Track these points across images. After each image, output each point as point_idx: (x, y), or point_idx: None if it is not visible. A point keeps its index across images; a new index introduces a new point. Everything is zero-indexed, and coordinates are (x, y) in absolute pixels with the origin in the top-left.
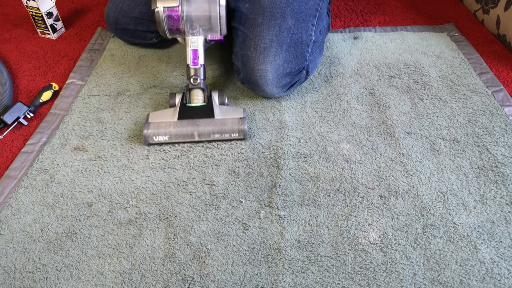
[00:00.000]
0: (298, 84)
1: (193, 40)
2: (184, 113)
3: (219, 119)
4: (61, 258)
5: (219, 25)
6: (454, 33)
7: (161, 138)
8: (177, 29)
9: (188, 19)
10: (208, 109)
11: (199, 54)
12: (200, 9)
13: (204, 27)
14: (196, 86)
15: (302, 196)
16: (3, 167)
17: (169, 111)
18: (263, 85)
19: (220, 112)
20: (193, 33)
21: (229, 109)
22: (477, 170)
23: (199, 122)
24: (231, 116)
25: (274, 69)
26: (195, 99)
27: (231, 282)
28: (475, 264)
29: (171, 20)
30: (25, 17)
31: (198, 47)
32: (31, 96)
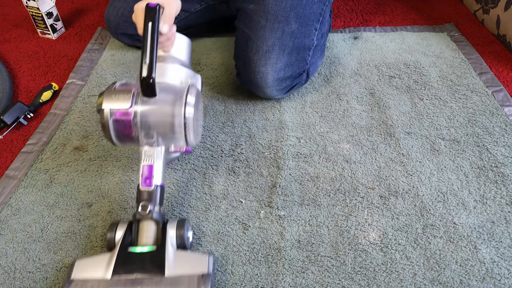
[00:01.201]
0: (298, 86)
1: (148, 153)
2: (123, 264)
3: (171, 278)
4: (61, 258)
5: (184, 134)
6: (454, 33)
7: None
8: (128, 136)
9: (142, 125)
10: (157, 260)
11: (154, 172)
12: (160, 112)
13: (165, 136)
14: (146, 216)
15: (302, 196)
16: (3, 167)
17: (102, 259)
18: (263, 87)
19: (173, 263)
20: (148, 142)
21: (189, 258)
22: (477, 170)
23: (142, 282)
24: (189, 272)
25: (275, 72)
26: (143, 237)
27: (231, 282)
28: (475, 264)
29: (120, 126)
30: (25, 17)
31: (154, 161)
32: (31, 96)
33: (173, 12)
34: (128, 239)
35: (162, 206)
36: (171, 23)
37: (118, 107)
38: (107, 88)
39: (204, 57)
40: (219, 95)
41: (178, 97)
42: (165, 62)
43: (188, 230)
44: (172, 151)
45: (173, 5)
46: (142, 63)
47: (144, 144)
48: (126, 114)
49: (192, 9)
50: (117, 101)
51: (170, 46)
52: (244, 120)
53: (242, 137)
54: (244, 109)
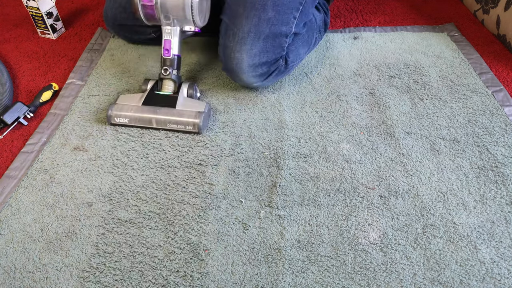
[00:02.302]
0: (278, 74)
1: (167, 30)
2: (150, 100)
3: (179, 110)
4: (61, 258)
5: (191, 16)
6: (454, 33)
7: (122, 120)
8: (153, 17)
9: (162, 8)
10: (172, 99)
11: (172, 45)
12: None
13: (179, 17)
14: (166, 76)
15: (302, 196)
16: (3, 167)
17: (138, 96)
18: (239, 74)
19: (182, 103)
20: (168, 23)
21: (193, 102)
22: (477, 170)
23: (159, 110)
24: (190, 109)
25: (250, 58)
26: (165, 88)
27: (231, 282)
28: (475, 264)
29: (146, 9)
30: (25, 17)
31: (172, 37)
32: (31, 96)
33: None
34: (155, 88)
35: (179, 70)
36: None
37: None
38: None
39: (204, 57)
40: (219, 95)
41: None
42: None
43: (195, 90)
44: (186, 30)
45: None
46: None
47: (165, 24)
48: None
49: None
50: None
51: None
52: (244, 120)
53: (242, 137)
54: (244, 109)
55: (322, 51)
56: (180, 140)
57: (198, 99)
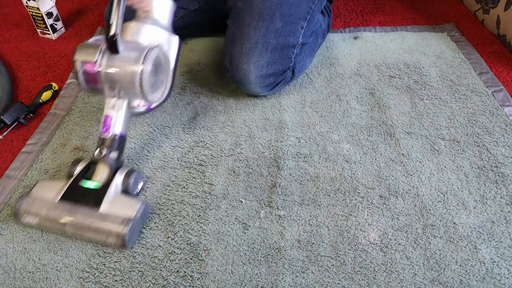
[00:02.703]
0: (284, 84)
1: (109, 104)
2: (71, 193)
3: (102, 213)
4: (61, 258)
5: (139, 89)
6: (454, 33)
7: (31, 219)
8: (95, 87)
9: (106, 77)
10: (98, 196)
11: (112, 121)
12: (121, 67)
13: (126, 89)
14: (100, 159)
15: (302, 196)
16: (3, 167)
17: (58, 185)
18: (246, 84)
19: (110, 203)
20: (112, 94)
21: (124, 202)
22: (477, 170)
23: (78, 211)
24: (118, 212)
25: (257, 69)
26: (95, 176)
27: (231, 282)
28: (475, 264)
29: (88, 76)
30: (25, 17)
31: (115, 112)
32: (31, 96)
33: None
34: (84, 174)
35: (121, 153)
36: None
37: (86, 59)
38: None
39: (204, 57)
40: (219, 95)
41: (138, 55)
42: (143, 22)
43: (135, 180)
44: (135, 105)
45: None
46: (109, 22)
47: (108, 96)
48: (92, 66)
49: (191, 7)
50: (86, 54)
51: (147, 6)
52: (244, 120)
53: (242, 137)
54: (244, 109)
55: (322, 51)
56: (180, 141)
57: (137, 194)
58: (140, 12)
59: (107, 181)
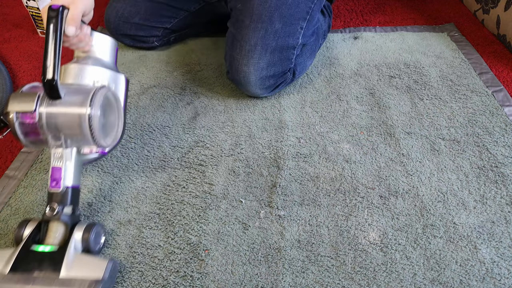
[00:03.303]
0: (284, 85)
1: (57, 154)
2: (22, 261)
3: (63, 279)
4: None
5: (90, 135)
6: (454, 33)
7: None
8: (36, 139)
9: (49, 127)
10: (55, 260)
11: (64, 174)
12: (66, 114)
13: (73, 136)
14: (53, 218)
15: (302, 196)
16: (3, 167)
17: (5, 254)
18: (246, 86)
19: (71, 265)
20: (57, 144)
21: (87, 262)
22: (477, 170)
23: (35, 280)
24: (82, 276)
25: (257, 71)
26: (49, 237)
27: (231, 282)
28: (475, 264)
29: (26, 128)
30: (25, 17)
31: (63, 163)
32: None
33: (78, 13)
34: (36, 237)
35: (76, 207)
36: (77, 24)
37: (22, 110)
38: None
39: (204, 57)
40: (219, 95)
41: (85, 98)
42: (85, 63)
43: (95, 235)
44: (86, 152)
45: (79, 5)
46: (45, 66)
47: (53, 146)
48: (31, 117)
49: (192, 8)
50: (21, 104)
51: (87, 46)
52: (244, 120)
53: (242, 137)
54: (244, 109)
55: (322, 51)
56: (180, 141)
57: (99, 251)
58: (78, 53)
59: (63, 242)
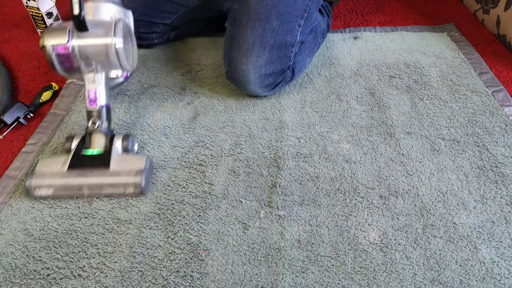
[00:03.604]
0: (284, 84)
1: (90, 79)
2: (76, 162)
3: (114, 171)
4: (61, 257)
5: (117, 60)
6: (454, 33)
7: (44, 191)
8: (71, 67)
9: (81, 55)
10: (104, 158)
11: (97, 94)
12: (94, 43)
13: (103, 63)
14: (95, 130)
15: (302, 196)
16: (3, 167)
17: (60, 158)
18: (246, 84)
19: (117, 162)
20: (90, 70)
21: (130, 159)
22: (477, 170)
23: (90, 173)
24: (128, 168)
25: (256, 69)
26: (93, 144)
27: (231, 282)
28: (475, 264)
29: (62, 58)
30: (25, 17)
31: (97, 86)
32: (31, 96)
33: None
34: (82, 146)
35: (110, 123)
36: None
37: (57, 43)
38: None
39: (204, 57)
40: (219, 95)
41: (107, 29)
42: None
43: (131, 143)
44: (113, 77)
45: None
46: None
47: (86, 72)
48: (65, 48)
49: (191, 4)
50: (56, 37)
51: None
52: (244, 119)
53: (242, 137)
54: (244, 109)
55: (322, 51)
56: (180, 141)
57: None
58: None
59: (106, 147)
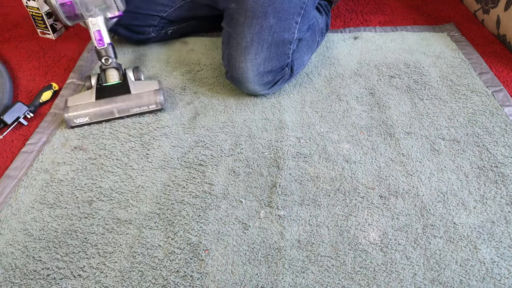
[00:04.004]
0: (283, 82)
1: (93, 22)
2: (102, 92)
3: (136, 94)
4: (61, 257)
5: (113, 2)
6: (454, 33)
7: (82, 119)
8: (75, 15)
9: (82, 3)
10: (124, 86)
11: (103, 34)
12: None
13: (101, 6)
14: (109, 65)
15: (302, 196)
16: (3, 167)
17: (86, 93)
18: (245, 83)
19: (135, 87)
20: (91, 15)
21: (144, 83)
22: (477, 170)
23: (116, 99)
24: (147, 90)
25: (254, 67)
26: (110, 78)
27: (231, 282)
28: (475, 264)
29: (66, 7)
30: (25, 17)
31: (100, 27)
32: (31, 96)
33: None
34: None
35: (116, 57)
36: None
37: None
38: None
39: (204, 57)
40: (219, 95)
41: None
42: None
43: (140, 73)
44: (111, 16)
45: None
46: None
47: (88, 17)
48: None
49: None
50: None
51: None
52: (244, 119)
53: (242, 137)
54: (244, 109)
55: (322, 51)
56: (180, 141)
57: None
58: None
59: (121, 78)
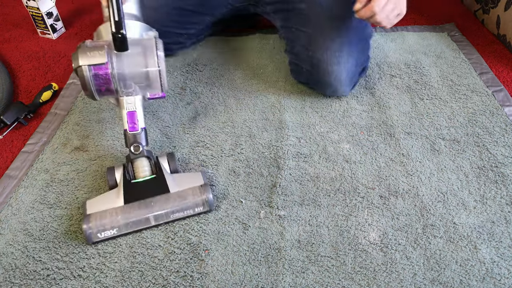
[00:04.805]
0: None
1: (129, 101)
2: (131, 192)
3: (176, 192)
4: (61, 257)
5: (159, 81)
6: (455, 33)
7: (108, 233)
8: (108, 89)
9: (120, 77)
10: (159, 183)
11: (137, 117)
12: (135, 64)
13: (142, 84)
14: (139, 155)
15: (302, 196)
16: (3, 167)
17: (110, 194)
18: (337, 86)
19: (175, 182)
20: (128, 92)
21: (185, 177)
22: (477, 170)
23: (153, 202)
24: (190, 186)
25: (348, 69)
26: (140, 171)
27: (231, 282)
28: (475, 264)
29: (100, 80)
30: (25, 17)
31: (136, 108)
32: (31, 96)
33: None
34: (127, 176)
35: (148, 145)
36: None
37: (95, 62)
38: (78, 47)
39: (204, 57)
40: (219, 95)
41: (148, 49)
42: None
43: (176, 160)
44: (149, 97)
45: None
46: (112, 19)
47: (123, 95)
48: (104, 68)
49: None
50: (93, 57)
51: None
52: (244, 120)
53: (242, 137)
54: (244, 109)
55: None
56: (180, 141)
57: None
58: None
59: (154, 171)
